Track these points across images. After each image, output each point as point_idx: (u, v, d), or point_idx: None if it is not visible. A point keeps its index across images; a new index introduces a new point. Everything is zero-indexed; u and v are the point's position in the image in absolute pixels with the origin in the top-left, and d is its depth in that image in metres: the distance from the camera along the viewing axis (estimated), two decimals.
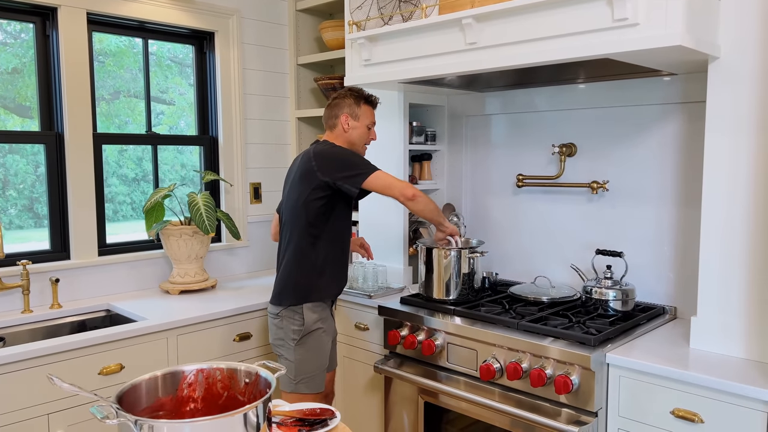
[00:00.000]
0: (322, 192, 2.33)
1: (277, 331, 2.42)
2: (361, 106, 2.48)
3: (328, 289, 2.43)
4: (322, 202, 2.34)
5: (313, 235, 2.38)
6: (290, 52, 3.58)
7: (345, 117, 2.46)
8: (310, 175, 2.34)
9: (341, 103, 2.47)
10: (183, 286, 2.92)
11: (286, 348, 2.39)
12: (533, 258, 2.85)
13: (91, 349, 2.28)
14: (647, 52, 1.86)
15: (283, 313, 2.39)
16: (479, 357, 2.28)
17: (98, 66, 2.96)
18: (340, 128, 2.47)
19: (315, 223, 2.36)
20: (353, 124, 2.47)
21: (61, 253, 2.80)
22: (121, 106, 3.06)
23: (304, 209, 2.36)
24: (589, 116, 2.64)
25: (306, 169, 2.36)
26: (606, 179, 2.59)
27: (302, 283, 2.38)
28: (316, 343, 2.40)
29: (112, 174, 3.02)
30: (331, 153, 2.36)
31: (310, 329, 2.38)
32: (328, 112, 2.51)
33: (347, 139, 2.48)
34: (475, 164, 3.06)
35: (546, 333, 2.16)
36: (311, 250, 2.39)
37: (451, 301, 2.55)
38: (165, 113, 3.26)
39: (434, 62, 2.36)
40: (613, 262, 2.55)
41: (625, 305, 2.36)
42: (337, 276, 2.47)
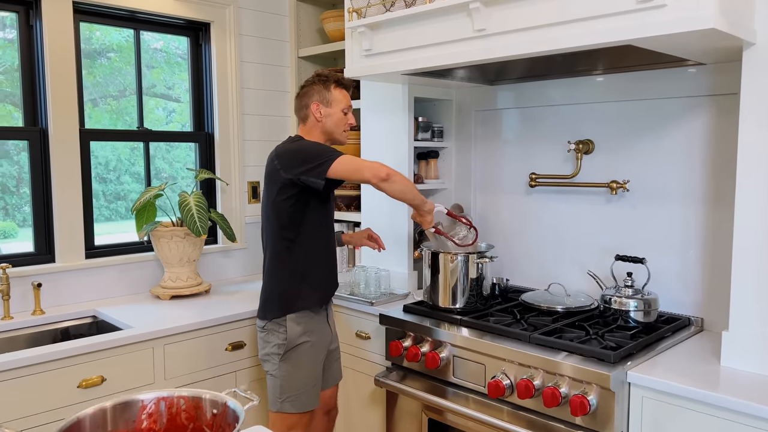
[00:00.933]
0: (289, 191, 2.16)
1: (264, 346, 2.25)
2: (332, 90, 2.29)
3: (312, 297, 2.25)
4: (290, 202, 2.17)
5: (288, 239, 2.20)
6: (291, 44, 3.41)
7: (315, 105, 2.27)
8: (274, 176, 2.18)
9: (309, 91, 2.29)
10: (174, 291, 2.76)
11: (272, 364, 2.22)
12: (547, 263, 2.66)
13: (69, 360, 2.12)
14: (676, 38, 1.66)
15: (268, 326, 2.22)
16: (487, 372, 2.09)
17: (105, 63, 2.86)
18: (312, 119, 2.29)
19: (287, 225, 2.19)
20: (326, 111, 2.28)
21: (45, 256, 2.65)
22: (129, 104, 2.96)
23: (273, 212, 2.20)
24: (607, 110, 2.44)
25: (270, 169, 2.20)
26: (626, 178, 2.39)
27: (283, 292, 2.21)
28: (302, 358, 2.22)
29: (125, 172, 2.95)
30: (292, 148, 2.18)
31: (294, 343, 2.20)
32: (297, 103, 2.33)
33: (322, 128, 2.29)
34: (484, 162, 2.87)
35: (561, 347, 1.97)
36: (288, 256, 2.21)
37: (458, 310, 2.37)
38: (177, 111, 3.14)
39: (440, 51, 2.17)
40: (633, 269, 2.35)
41: (648, 316, 2.16)
42: (322, 280, 2.29)
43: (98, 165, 2.88)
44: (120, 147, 2.94)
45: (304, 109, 2.30)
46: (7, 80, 2.58)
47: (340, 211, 3.22)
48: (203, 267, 3.10)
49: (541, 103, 2.63)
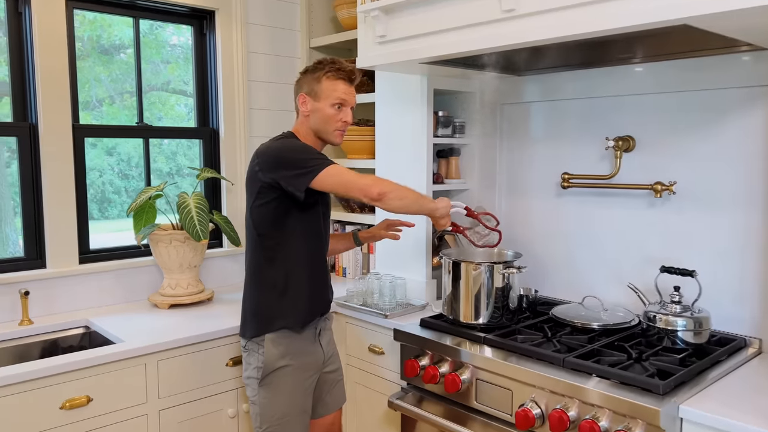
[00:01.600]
0: (268, 195, 1.92)
1: (246, 368, 2.03)
2: (322, 80, 1.97)
3: (295, 315, 1.99)
4: (270, 207, 1.93)
5: (268, 248, 1.97)
6: (302, 33, 3.18)
7: (302, 98, 2.00)
8: (253, 177, 1.95)
9: (300, 80, 2.04)
10: (173, 300, 2.55)
11: (251, 389, 2.01)
12: (580, 274, 2.40)
13: (52, 378, 1.92)
14: (743, 14, 1.39)
15: (249, 346, 2.01)
16: (515, 399, 1.85)
17: (121, 60, 2.72)
18: (302, 112, 2.03)
19: (267, 233, 1.96)
20: (313, 106, 1.99)
21: (35, 261, 2.47)
22: (153, 100, 2.83)
23: (251, 218, 1.98)
24: (650, 103, 2.18)
25: (249, 171, 1.98)
26: (672, 179, 2.12)
27: (262, 308, 1.98)
28: (282, 384, 1.98)
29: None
30: (275, 148, 1.94)
31: (272, 367, 1.96)
32: (294, 93, 2.09)
33: (311, 124, 2.02)
34: (511, 161, 2.62)
35: (599, 373, 1.72)
36: (268, 268, 1.98)
37: (481, 326, 2.13)
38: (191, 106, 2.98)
39: (462, 36, 1.93)
40: (681, 282, 2.09)
41: (698, 336, 1.90)
42: (308, 296, 2.02)
43: (121, 161, 2.78)
44: (142, 144, 2.79)
45: (295, 101, 2.06)
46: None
47: (354, 212, 2.99)
48: (207, 272, 2.90)
49: (574, 96, 2.37)
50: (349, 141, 2.96)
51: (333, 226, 3.18)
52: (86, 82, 2.65)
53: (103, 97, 2.70)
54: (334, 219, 3.14)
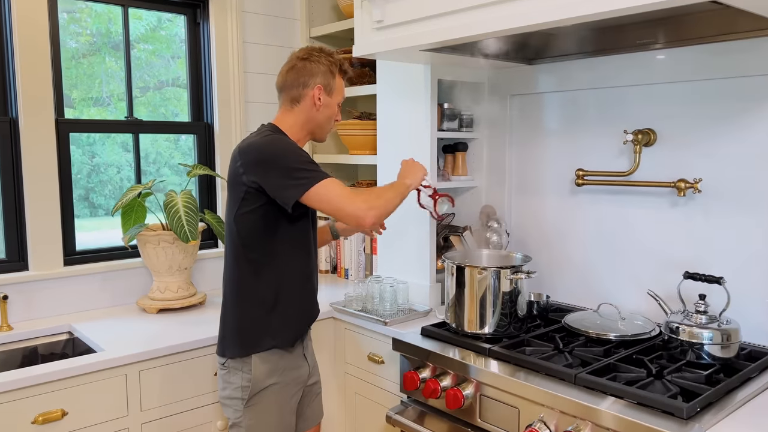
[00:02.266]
0: (254, 201, 1.74)
1: (224, 386, 1.83)
2: (336, 77, 1.87)
3: (285, 333, 1.83)
4: (257, 214, 1.75)
5: (254, 261, 1.78)
6: (302, 22, 3.02)
7: (318, 89, 1.83)
8: (236, 180, 1.76)
9: (315, 69, 1.83)
10: (162, 304, 2.42)
11: (234, 410, 1.81)
12: (595, 279, 2.22)
13: (25, 391, 1.79)
14: None
15: (230, 364, 1.82)
16: (522, 418, 1.68)
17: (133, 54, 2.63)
18: (307, 104, 1.84)
19: (252, 244, 1.77)
20: (326, 101, 1.85)
21: (17, 263, 2.34)
22: (167, 97, 2.74)
23: (234, 226, 1.79)
24: (672, 93, 1.99)
25: (231, 172, 1.78)
26: (697, 176, 1.94)
27: (247, 325, 1.80)
28: (271, 403, 1.81)
29: (164, 164, 2.76)
30: (258, 146, 1.73)
31: (261, 386, 1.79)
32: (291, 78, 1.84)
33: (313, 119, 1.86)
34: (522, 156, 2.44)
35: (615, 393, 1.55)
36: (254, 281, 1.79)
37: (487, 337, 1.96)
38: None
39: (467, 19, 1.75)
40: (707, 290, 1.90)
41: (726, 350, 1.72)
42: (299, 313, 1.87)
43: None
44: (158, 139, 2.71)
45: (300, 89, 1.83)
46: None
47: None
48: (200, 273, 2.76)
49: (590, 85, 2.18)
50: (351, 136, 2.80)
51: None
52: (96, 77, 2.54)
53: (115, 92, 2.60)
54: None
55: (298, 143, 1.86)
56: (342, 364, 2.44)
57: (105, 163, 2.59)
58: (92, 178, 2.57)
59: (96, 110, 2.57)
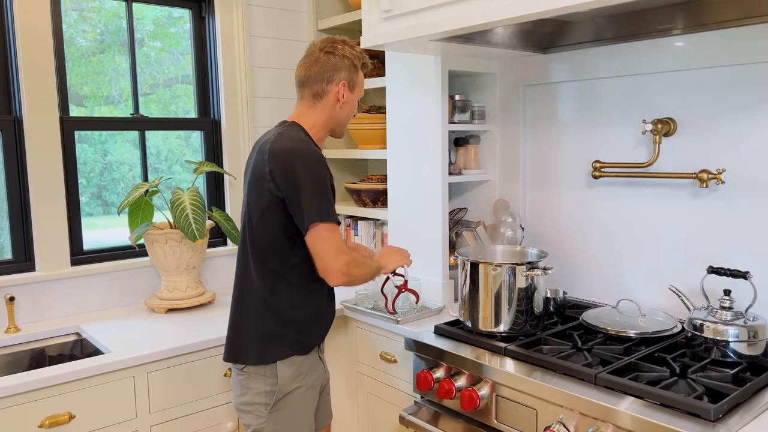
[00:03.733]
0: (278, 210, 1.68)
1: (242, 392, 1.77)
2: (359, 72, 1.83)
3: (305, 341, 1.78)
4: (279, 224, 1.69)
5: (273, 270, 1.73)
6: (309, 14, 2.97)
7: (342, 86, 1.78)
8: (262, 184, 1.69)
9: (339, 63, 1.76)
10: (170, 304, 2.38)
11: (256, 416, 1.74)
12: (614, 274, 2.16)
13: (32, 394, 1.76)
14: None
15: (250, 369, 1.76)
16: (540, 419, 1.63)
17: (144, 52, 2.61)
18: (330, 100, 1.78)
19: (272, 253, 1.72)
20: (349, 97, 1.81)
21: (23, 264, 2.31)
22: (177, 94, 2.71)
23: (257, 231, 1.72)
24: (693, 80, 1.91)
25: (258, 172, 1.71)
26: (721, 167, 1.86)
27: (266, 337, 1.74)
28: (296, 406, 1.76)
29: (176, 162, 2.73)
30: (293, 160, 1.66)
31: (286, 390, 1.74)
32: (315, 72, 1.76)
33: (336, 115, 1.81)
34: (536, 148, 2.37)
35: (637, 393, 1.49)
36: (271, 293, 1.73)
37: (502, 335, 1.90)
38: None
39: (479, 6, 1.69)
40: (732, 285, 1.83)
41: (753, 348, 1.65)
42: (318, 319, 1.82)
43: (150, 155, 2.66)
44: (169, 137, 2.69)
45: (323, 84, 1.77)
46: None
47: (366, 207, 2.78)
48: (210, 272, 2.72)
49: (607, 74, 2.11)
50: (361, 130, 2.74)
51: (345, 221, 2.97)
52: (106, 74, 2.51)
53: (126, 89, 2.57)
54: (345, 214, 2.94)
55: (319, 142, 1.82)
56: (354, 363, 2.39)
57: (117, 161, 2.56)
58: (105, 176, 2.55)
59: (107, 108, 2.53)
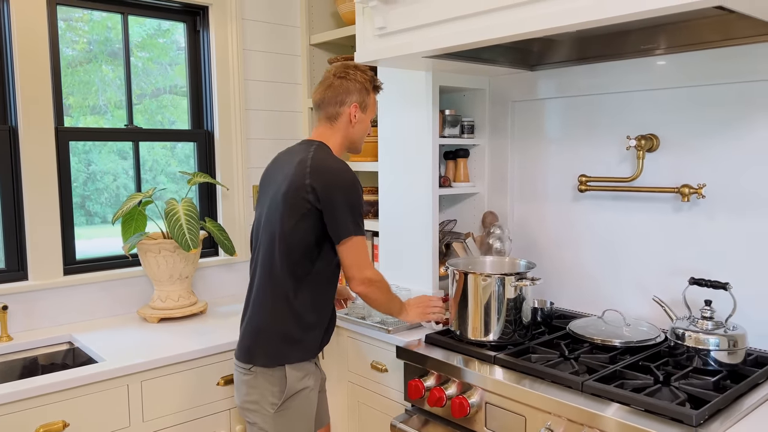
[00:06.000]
0: (313, 221, 1.79)
1: (249, 392, 1.84)
2: (371, 94, 1.95)
3: (313, 347, 1.88)
4: (312, 234, 1.79)
5: (298, 277, 1.81)
6: (302, 29, 3.02)
7: (354, 107, 1.90)
8: (299, 195, 1.78)
9: (351, 87, 1.89)
10: (163, 313, 2.40)
11: (262, 415, 1.82)
12: (599, 285, 2.22)
13: (26, 402, 1.77)
14: None
15: (257, 369, 1.83)
16: (528, 426, 1.67)
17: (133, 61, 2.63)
18: (344, 121, 1.91)
19: (299, 260, 1.80)
20: (360, 117, 1.93)
21: (16, 273, 2.32)
22: (164, 104, 2.73)
23: (286, 241, 1.80)
24: (675, 98, 1.99)
25: (295, 184, 1.79)
26: (701, 182, 1.93)
27: (281, 340, 1.82)
28: (302, 406, 1.84)
29: (161, 172, 2.75)
30: (336, 179, 1.79)
31: (294, 391, 1.82)
32: (329, 95, 1.90)
33: (349, 135, 1.94)
34: (524, 162, 2.44)
35: (623, 400, 1.54)
36: (295, 296, 1.82)
37: (492, 344, 1.95)
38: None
39: (471, 25, 1.75)
40: (713, 296, 1.90)
41: (733, 356, 1.71)
42: (328, 325, 1.94)
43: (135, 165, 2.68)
44: (155, 147, 2.72)
45: (337, 107, 1.90)
46: None
47: None
48: (202, 282, 2.74)
49: (592, 91, 2.18)
50: None
51: None
52: (93, 84, 2.53)
53: (112, 100, 2.59)
54: None
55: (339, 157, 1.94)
56: (345, 373, 2.42)
57: (101, 171, 2.58)
58: (88, 186, 2.56)
59: (93, 118, 2.56)
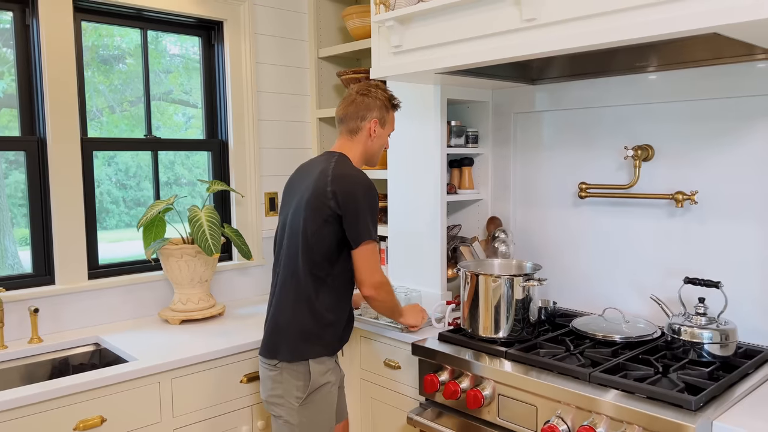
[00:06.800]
0: (334, 225, 1.93)
1: (274, 387, 1.97)
2: (390, 112, 2.11)
3: (334, 343, 2.03)
4: (334, 237, 1.93)
5: (319, 277, 1.96)
6: (310, 43, 3.16)
7: (374, 123, 2.06)
8: (322, 202, 1.92)
9: (372, 104, 2.05)
10: (185, 315, 2.51)
11: (288, 408, 1.95)
12: (599, 285, 2.37)
13: (65, 399, 1.88)
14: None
15: (283, 365, 1.96)
16: (540, 415, 1.81)
17: (122, 68, 2.68)
18: (364, 135, 2.07)
19: (322, 261, 1.95)
20: (379, 132, 2.09)
21: (44, 277, 2.42)
22: (151, 111, 2.78)
23: (308, 242, 1.94)
24: (668, 112, 2.15)
25: (318, 190, 1.94)
26: (694, 189, 2.10)
27: (304, 336, 1.96)
28: (325, 400, 1.98)
29: (144, 178, 2.79)
30: (355, 187, 1.94)
31: (317, 385, 1.96)
32: (351, 111, 2.06)
33: (368, 149, 2.09)
34: (526, 170, 2.59)
35: (627, 389, 1.68)
36: (316, 296, 1.96)
37: (502, 340, 2.09)
38: (195, 117, 2.92)
39: (481, 46, 1.90)
40: (705, 294, 2.06)
41: (725, 349, 1.87)
42: (347, 324, 2.08)
43: (119, 171, 2.75)
44: (140, 153, 2.78)
45: (357, 121, 2.06)
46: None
47: None
48: (217, 286, 2.85)
49: (590, 104, 2.34)
50: None
51: None
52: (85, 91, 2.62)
53: (102, 106, 2.67)
54: None
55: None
56: (358, 371, 2.55)
57: None
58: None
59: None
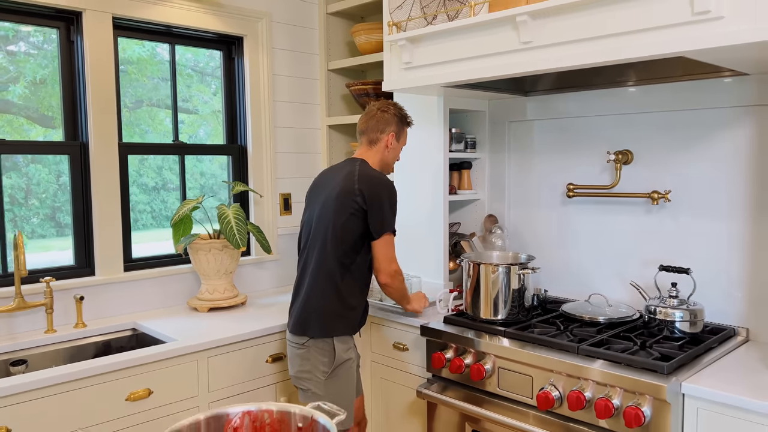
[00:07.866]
0: (360, 219, 2.23)
1: (302, 363, 2.26)
2: (404, 128, 2.41)
3: (355, 324, 2.32)
4: (359, 230, 2.24)
5: (344, 265, 2.25)
6: (321, 57, 3.43)
7: (391, 136, 2.37)
8: (349, 198, 2.22)
9: (390, 119, 2.36)
10: (212, 303, 2.77)
11: (315, 382, 2.24)
12: (585, 274, 2.66)
13: (117, 373, 2.13)
14: (733, 50, 1.67)
15: (310, 343, 2.24)
16: (535, 383, 2.09)
17: (121, 74, 2.85)
18: (382, 146, 2.37)
19: (348, 251, 2.25)
20: (394, 145, 2.39)
21: (85, 269, 2.67)
22: (142, 115, 2.96)
23: (336, 233, 2.23)
24: (645, 121, 2.45)
25: (346, 189, 2.23)
26: (667, 188, 2.40)
27: (330, 316, 2.25)
28: (346, 374, 2.27)
29: (132, 183, 2.91)
30: (380, 186, 2.24)
31: (341, 361, 2.25)
32: (372, 124, 2.37)
33: (384, 158, 2.39)
34: (519, 173, 2.88)
35: (611, 359, 1.97)
36: (341, 280, 2.26)
37: (500, 322, 2.37)
38: (185, 122, 3.14)
39: (483, 64, 2.19)
40: (677, 279, 2.35)
41: (694, 327, 2.16)
42: (365, 308, 2.38)
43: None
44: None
45: (377, 133, 2.36)
46: (40, 95, 2.61)
47: None
48: (238, 279, 3.11)
49: (577, 114, 2.64)
50: None
51: None
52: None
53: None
54: None
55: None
56: (369, 354, 2.81)
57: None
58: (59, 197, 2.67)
59: None
